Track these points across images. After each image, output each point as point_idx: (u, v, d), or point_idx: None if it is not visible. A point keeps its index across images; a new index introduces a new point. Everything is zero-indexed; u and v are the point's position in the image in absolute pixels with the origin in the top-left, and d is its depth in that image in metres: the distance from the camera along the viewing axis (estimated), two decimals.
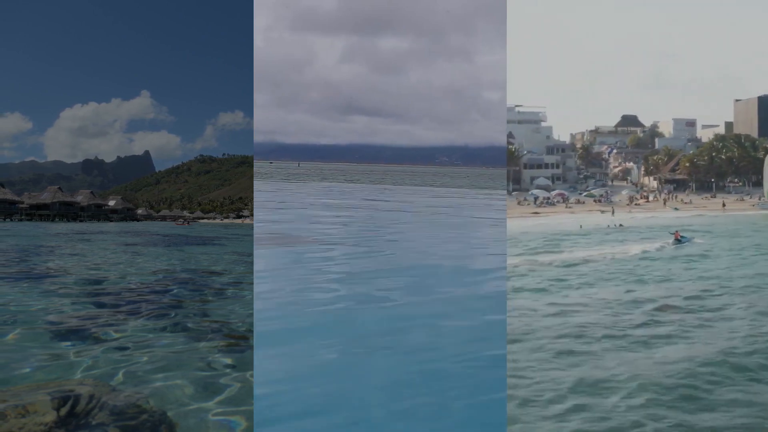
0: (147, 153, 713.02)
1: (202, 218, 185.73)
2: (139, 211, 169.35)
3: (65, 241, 38.44)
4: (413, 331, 7.52)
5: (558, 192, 72.63)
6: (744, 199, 68.41)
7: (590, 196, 72.81)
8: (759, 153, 77.23)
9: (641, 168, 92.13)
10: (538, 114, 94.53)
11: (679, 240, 26.71)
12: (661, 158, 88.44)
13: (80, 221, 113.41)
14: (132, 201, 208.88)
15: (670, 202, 68.24)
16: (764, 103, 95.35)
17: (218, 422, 5.46)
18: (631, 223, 42.25)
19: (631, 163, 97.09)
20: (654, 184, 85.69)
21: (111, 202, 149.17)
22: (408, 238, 18.46)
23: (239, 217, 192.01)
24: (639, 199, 71.51)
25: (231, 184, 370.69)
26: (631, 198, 70.97)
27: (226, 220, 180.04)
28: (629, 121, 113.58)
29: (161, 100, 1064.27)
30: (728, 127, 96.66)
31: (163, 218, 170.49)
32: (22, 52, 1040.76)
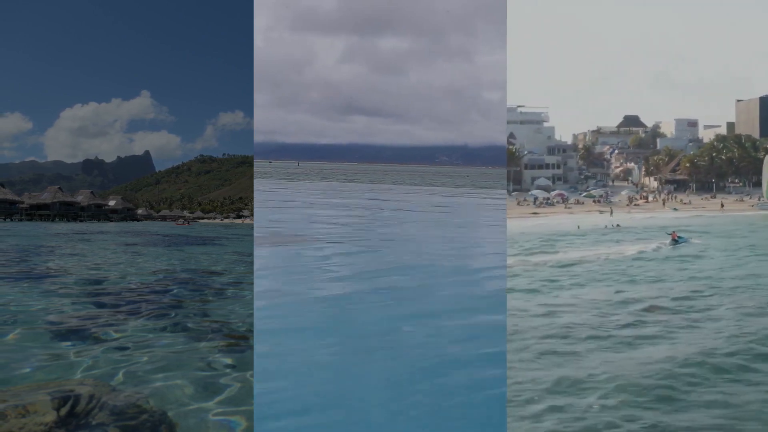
0: (147, 153, 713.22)
1: (202, 218, 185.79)
2: (140, 211, 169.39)
3: (65, 241, 38.44)
4: (413, 331, 7.53)
5: (557, 192, 72.64)
6: (744, 199, 68.39)
7: (590, 196, 72.79)
8: (759, 153, 77.16)
9: (642, 168, 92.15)
10: (540, 114, 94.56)
11: (676, 240, 26.71)
12: (662, 159, 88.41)
13: (80, 221, 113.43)
14: (132, 201, 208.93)
15: (669, 202, 68.23)
16: (766, 104, 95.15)
17: (218, 422, 5.46)
18: (629, 224, 42.17)
19: (632, 164, 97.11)
20: (654, 184, 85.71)
21: (111, 202, 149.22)
22: (407, 238, 18.46)
23: (239, 217, 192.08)
24: (638, 199, 71.49)
25: (231, 184, 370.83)
26: (631, 198, 70.96)
27: (226, 220, 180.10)
28: (631, 121, 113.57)
29: (161, 100, 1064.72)
30: (730, 128, 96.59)
31: (164, 218, 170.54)
32: (22, 52, 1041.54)
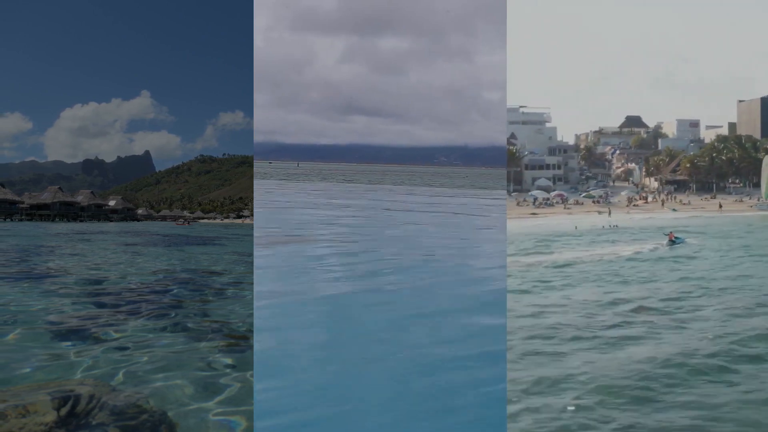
0: (147, 153, 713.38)
1: (203, 218, 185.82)
2: (140, 211, 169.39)
3: (65, 241, 38.44)
4: (414, 331, 7.53)
5: (557, 193, 72.70)
6: (743, 200, 68.39)
7: (589, 197, 72.82)
8: (760, 154, 77.18)
9: (642, 169, 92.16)
10: (542, 115, 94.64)
11: (673, 241, 26.70)
12: (663, 159, 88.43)
13: (80, 221, 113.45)
14: (132, 201, 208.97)
15: (668, 203, 68.26)
16: (767, 104, 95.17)
17: (218, 422, 5.46)
18: (627, 224, 42.15)
19: (633, 164, 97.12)
20: (655, 185, 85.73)
21: (111, 202, 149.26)
22: (408, 238, 18.46)
23: (239, 217, 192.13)
24: (638, 200, 71.50)
25: (231, 184, 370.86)
26: (630, 199, 70.96)
27: (226, 220, 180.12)
28: (633, 121, 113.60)
29: (161, 100, 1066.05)
30: (732, 128, 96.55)
31: (164, 218, 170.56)
32: (22, 52, 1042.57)
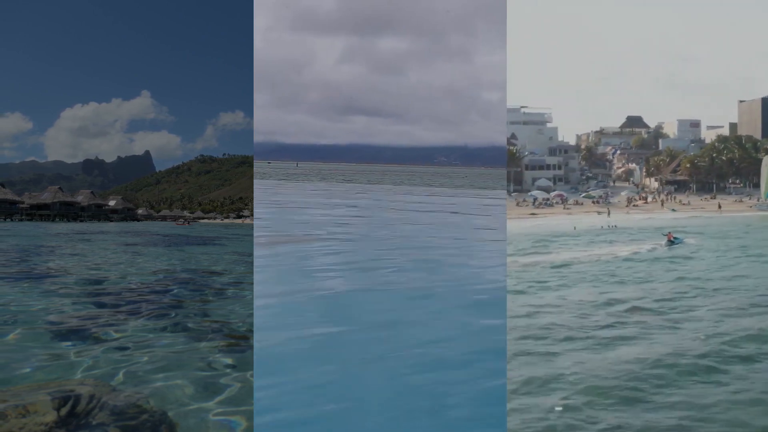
0: (147, 153, 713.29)
1: (203, 218, 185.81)
2: (140, 211, 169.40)
3: (66, 241, 38.45)
4: (414, 331, 7.53)
5: (557, 193, 72.69)
6: (743, 200, 68.41)
7: (589, 197, 72.81)
8: (760, 154, 77.21)
9: (643, 169, 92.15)
10: (543, 115, 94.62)
11: (671, 241, 26.66)
12: (663, 159, 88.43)
13: (81, 221, 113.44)
14: (132, 201, 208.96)
15: (668, 203, 68.23)
16: None
17: (218, 422, 5.46)
18: (626, 225, 42.15)
19: (634, 165, 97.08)
20: (655, 185, 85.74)
21: (111, 202, 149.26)
22: (407, 238, 18.46)
23: (239, 217, 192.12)
24: (638, 200, 71.50)
25: (231, 184, 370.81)
26: (630, 199, 70.95)
27: (226, 220, 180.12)
28: (634, 122, 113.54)
29: (161, 100, 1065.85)
30: (733, 128, 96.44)
31: (164, 218, 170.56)
32: (22, 52, 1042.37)
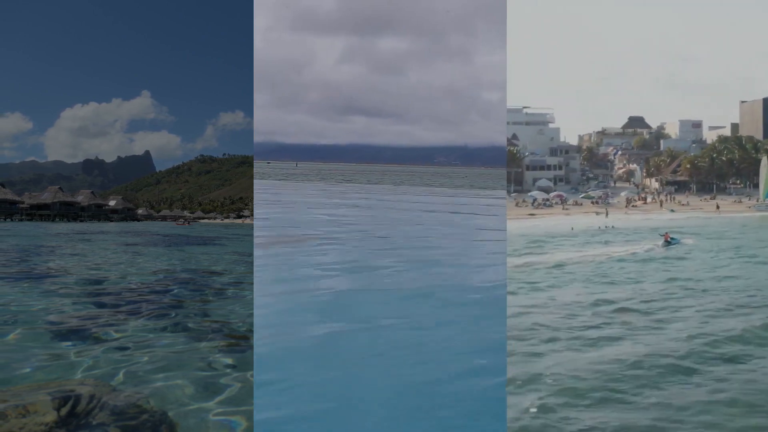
0: (147, 153, 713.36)
1: (203, 218, 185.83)
2: (140, 211, 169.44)
3: (66, 241, 38.46)
4: (414, 331, 7.53)
5: (556, 194, 72.66)
6: (742, 200, 68.43)
7: (588, 197, 72.77)
8: (760, 155, 77.24)
9: (643, 170, 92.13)
10: (545, 116, 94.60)
11: (668, 242, 26.61)
12: (663, 160, 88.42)
13: (81, 221, 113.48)
14: (132, 201, 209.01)
15: (667, 203, 68.20)
16: None
17: (218, 422, 5.46)
18: (624, 225, 42.15)
19: (635, 165, 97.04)
20: (656, 185, 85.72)
21: (111, 202, 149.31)
22: (407, 238, 18.47)
23: (240, 217, 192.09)
24: (637, 200, 71.50)
25: (231, 184, 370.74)
26: (629, 200, 70.95)
27: (226, 220, 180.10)
28: (636, 122, 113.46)
29: (162, 100, 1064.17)
30: (734, 129, 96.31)
31: (164, 218, 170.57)
32: (22, 52, 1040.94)
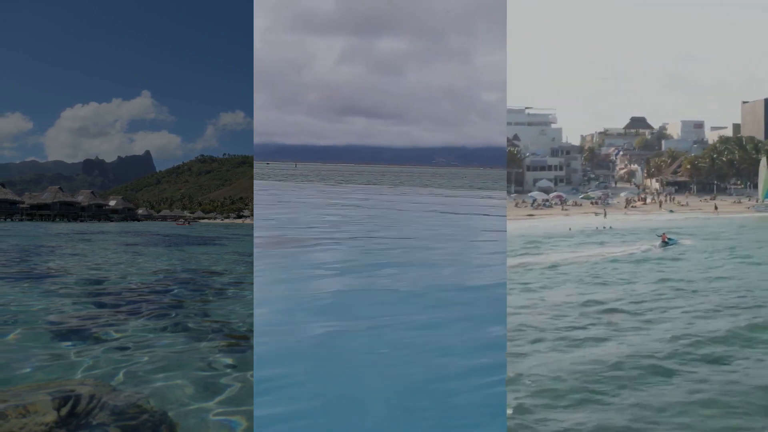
0: (148, 153, 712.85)
1: (203, 218, 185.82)
2: (140, 211, 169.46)
3: (66, 241, 38.47)
4: (414, 331, 7.53)
5: (556, 194, 72.65)
6: (741, 201, 68.41)
7: (587, 198, 72.73)
8: (760, 155, 77.21)
9: (644, 170, 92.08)
10: (548, 116, 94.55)
11: (666, 242, 26.57)
12: (664, 160, 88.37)
13: (81, 221, 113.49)
14: (133, 201, 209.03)
15: (666, 204, 68.17)
16: None
17: (219, 422, 5.47)
18: (622, 226, 42.15)
19: (636, 165, 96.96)
20: (656, 186, 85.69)
21: (112, 202, 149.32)
22: (407, 238, 18.46)
23: (240, 217, 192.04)
24: (636, 201, 71.48)
25: (231, 184, 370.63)
26: (628, 200, 70.92)
27: (226, 220, 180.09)
28: (638, 122, 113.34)
29: (162, 100, 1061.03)
30: (736, 129, 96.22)
31: (164, 218, 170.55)
32: (22, 52, 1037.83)
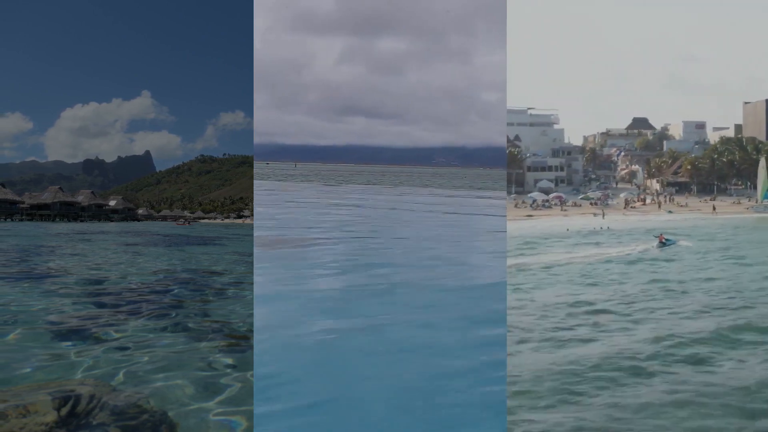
0: (148, 153, 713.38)
1: (203, 218, 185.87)
2: (140, 211, 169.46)
3: (66, 241, 38.47)
4: (414, 330, 7.53)
5: (555, 195, 72.64)
6: (740, 202, 68.41)
7: (587, 198, 72.70)
8: (760, 156, 77.21)
9: (645, 171, 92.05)
10: (550, 117, 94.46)
11: (663, 243, 26.54)
12: (665, 161, 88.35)
13: (81, 221, 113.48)
14: (133, 201, 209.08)
15: (666, 205, 68.16)
16: None
17: (219, 422, 5.47)
18: (621, 226, 42.15)
19: (637, 166, 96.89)
20: (657, 186, 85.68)
21: (112, 202, 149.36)
22: (407, 238, 18.47)
23: (240, 217, 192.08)
24: (636, 201, 71.46)
25: (232, 184, 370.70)
26: (627, 201, 70.90)
27: (226, 220, 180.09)
28: (640, 123, 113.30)
29: (162, 100, 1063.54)
30: (738, 130, 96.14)
31: (164, 218, 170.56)
32: (22, 52, 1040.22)
